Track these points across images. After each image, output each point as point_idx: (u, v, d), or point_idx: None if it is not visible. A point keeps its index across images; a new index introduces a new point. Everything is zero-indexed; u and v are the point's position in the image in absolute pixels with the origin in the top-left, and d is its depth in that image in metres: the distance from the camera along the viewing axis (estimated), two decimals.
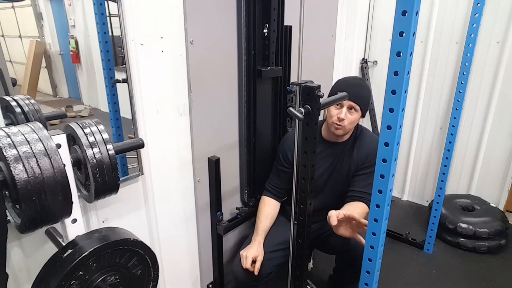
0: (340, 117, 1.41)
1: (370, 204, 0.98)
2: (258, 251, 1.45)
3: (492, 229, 2.10)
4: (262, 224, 1.54)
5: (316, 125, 1.04)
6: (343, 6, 2.28)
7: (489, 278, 1.94)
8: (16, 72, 1.01)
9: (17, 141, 0.71)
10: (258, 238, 1.50)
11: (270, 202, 1.61)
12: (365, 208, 1.42)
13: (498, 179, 2.42)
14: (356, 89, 1.42)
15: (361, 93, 1.44)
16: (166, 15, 1.23)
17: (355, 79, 1.55)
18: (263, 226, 1.54)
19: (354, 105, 1.42)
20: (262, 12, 1.49)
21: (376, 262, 1.05)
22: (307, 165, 1.07)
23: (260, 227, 1.53)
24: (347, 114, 1.42)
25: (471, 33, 1.77)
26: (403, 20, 0.74)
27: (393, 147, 0.85)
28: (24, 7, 1.03)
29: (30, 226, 0.75)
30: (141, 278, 0.99)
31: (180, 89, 1.35)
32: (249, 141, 1.65)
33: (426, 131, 2.62)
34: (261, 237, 1.50)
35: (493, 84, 2.28)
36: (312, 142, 1.05)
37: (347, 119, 1.42)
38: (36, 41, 1.11)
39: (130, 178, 1.26)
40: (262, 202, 1.63)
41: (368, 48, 2.74)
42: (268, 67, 1.56)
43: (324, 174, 1.56)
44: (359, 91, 1.44)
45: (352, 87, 1.42)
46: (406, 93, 0.81)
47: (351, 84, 1.47)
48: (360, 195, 1.45)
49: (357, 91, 1.42)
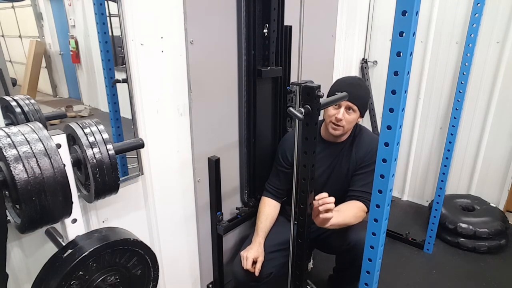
0: (338, 117, 1.41)
1: (370, 204, 0.98)
2: (259, 252, 1.45)
3: (492, 229, 2.10)
4: (262, 224, 1.55)
5: (316, 125, 1.04)
6: (343, 6, 2.28)
7: (489, 278, 1.94)
8: (16, 72, 1.01)
9: (17, 141, 0.71)
10: (258, 239, 1.50)
11: (270, 202, 1.61)
12: (361, 206, 1.43)
13: (498, 179, 2.42)
14: (354, 89, 1.42)
15: (359, 93, 1.43)
16: (166, 15, 1.23)
17: (354, 78, 1.55)
18: (263, 226, 1.54)
19: (351, 105, 1.41)
20: (262, 12, 1.49)
21: (376, 262, 1.05)
22: (307, 165, 1.07)
23: (260, 228, 1.53)
24: (344, 114, 1.42)
25: (471, 33, 1.77)
26: (403, 20, 0.74)
27: (393, 147, 0.85)
28: (24, 7, 1.03)
29: (30, 226, 0.75)
30: (141, 278, 0.99)
31: (180, 89, 1.35)
32: (249, 141, 1.65)
33: (426, 131, 2.62)
34: (261, 238, 1.50)
35: (493, 84, 2.28)
36: (312, 142, 1.05)
37: (345, 119, 1.42)
38: (36, 41, 1.11)
39: (130, 178, 1.26)
40: (262, 202, 1.63)
41: (368, 48, 2.74)
42: (268, 67, 1.56)
43: (324, 174, 1.56)
44: (357, 91, 1.43)
45: (350, 87, 1.42)
46: (406, 93, 0.81)
47: (349, 84, 1.47)
48: (358, 194, 1.45)
49: (355, 91, 1.42)
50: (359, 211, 1.42)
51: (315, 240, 1.59)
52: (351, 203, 1.44)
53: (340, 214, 1.34)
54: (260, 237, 1.50)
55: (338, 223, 1.33)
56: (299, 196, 1.12)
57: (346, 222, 1.37)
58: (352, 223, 1.39)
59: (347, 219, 1.36)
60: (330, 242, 1.56)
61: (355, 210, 1.41)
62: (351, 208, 1.42)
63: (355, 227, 1.41)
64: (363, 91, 1.47)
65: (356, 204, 1.43)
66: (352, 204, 1.44)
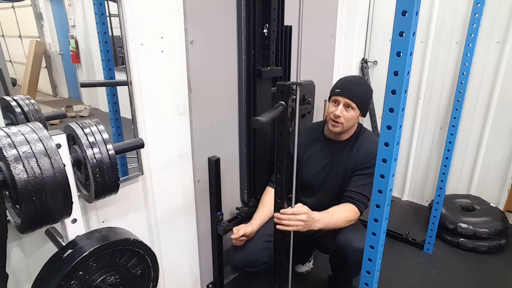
0: (336, 113, 1.44)
1: (370, 204, 0.98)
2: (249, 230, 1.49)
3: (492, 229, 2.09)
4: (260, 210, 1.59)
5: (289, 120, 1.13)
6: (343, 6, 2.28)
7: (489, 278, 1.94)
8: (16, 72, 1.01)
9: (17, 141, 0.71)
10: (253, 221, 1.54)
11: (272, 191, 1.61)
12: (353, 209, 1.43)
13: (498, 179, 2.41)
14: (352, 87, 1.45)
15: (357, 91, 1.45)
16: (166, 15, 1.23)
17: (354, 77, 1.56)
18: (261, 212, 1.58)
19: (350, 102, 1.43)
20: (262, 12, 1.49)
21: (376, 262, 1.05)
22: (281, 161, 1.17)
23: (259, 214, 1.58)
24: (343, 111, 1.44)
25: (471, 33, 1.77)
26: (403, 20, 0.74)
27: (393, 147, 0.85)
28: (24, 7, 1.03)
29: (30, 226, 0.75)
30: (141, 278, 0.99)
31: (180, 89, 1.35)
32: (249, 141, 1.65)
33: (426, 131, 2.62)
34: (256, 221, 1.54)
35: (493, 84, 2.27)
36: (286, 137, 1.14)
37: (344, 116, 1.44)
38: (36, 41, 1.11)
39: (130, 178, 1.26)
40: (265, 192, 1.67)
41: (368, 48, 2.74)
42: (268, 67, 1.56)
43: (323, 171, 1.57)
44: (356, 88, 1.45)
45: (349, 85, 1.45)
46: (406, 93, 0.81)
47: (348, 81, 1.49)
48: (353, 196, 1.46)
49: (353, 88, 1.44)
50: (351, 214, 1.42)
51: (310, 239, 1.59)
52: (344, 206, 1.45)
53: (330, 217, 1.36)
54: (255, 220, 1.55)
55: (327, 227, 1.35)
56: (276, 181, 1.20)
57: (336, 226, 1.39)
58: (342, 226, 1.41)
59: (338, 223, 1.39)
60: (323, 243, 1.58)
61: (346, 213, 1.42)
62: (343, 211, 1.42)
63: (344, 228, 1.43)
64: (362, 89, 1.47)
65: (348, 207, 1.44)
66: (344, 207, 1.44)
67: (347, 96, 1.42)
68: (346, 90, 1.44)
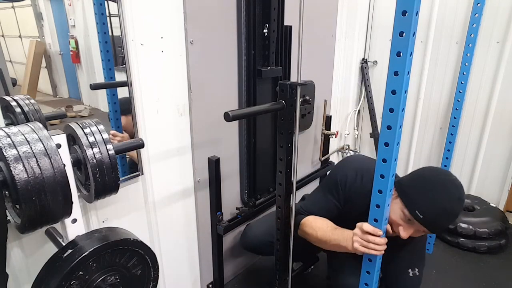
0: (403, 237, 1.10)
1: (371, 204, 0.98)
2: None
3: (492, 229, 2.09)
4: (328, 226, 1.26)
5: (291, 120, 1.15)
6: (343, 6, 2.28)
7: (489, 278, 1.94)
8: (16, 72, 1.01)
9: (17, 141, 0.71)
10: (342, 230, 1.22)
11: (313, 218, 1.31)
12: None
13: (498, 179, 2.41)
14: (446, 222, 1.08)
15: (446, 225, 1.09)
16: (166, 15, 1.23)
17: (457, 203, 1.07)
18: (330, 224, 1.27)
19: (425, 230, 1.09)
20: (262, 12, 1.49)
21: (376, 262, 1.05)
22: (283, 158, 1.19)
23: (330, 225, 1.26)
24: (409, 232, 1.11)
25: (471, 33, 1.77)
26: (403, 20, 0.74)
27: (393, 147, 0.85)
28: (24, 7, 1.03)
29: (30, 226, 0.75)
30: (141, 278, 0.99)
31: (180, 89, 1.35)
32: (249, 141, 1.65)
33: (426, 131, 2.62)
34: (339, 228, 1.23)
35: (493, 84, 2.27)
36: (287, 136, 1.17)
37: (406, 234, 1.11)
38: (36, 41, 1.11)
39: (130, 178, 1.26)
40: (306, 223, 1.29)
41: (368, 48, 2.73)
42: (268, 67, 1.56)
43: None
44: (447, 223, 1.09)
45: (443, 219, 1.06)
46: (406, 93, 0.81)
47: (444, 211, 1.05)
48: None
49: (445, 224, 1.09)
50: None
51: None
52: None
53: None
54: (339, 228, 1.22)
55: None
56: (277, 179, 1.22)
57: None
58: None
59: None
60: None
61: None
62: None
63: None
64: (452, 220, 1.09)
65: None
66: None
67: (432, 231, 1.10)
68: (434, 227, 1.07)
